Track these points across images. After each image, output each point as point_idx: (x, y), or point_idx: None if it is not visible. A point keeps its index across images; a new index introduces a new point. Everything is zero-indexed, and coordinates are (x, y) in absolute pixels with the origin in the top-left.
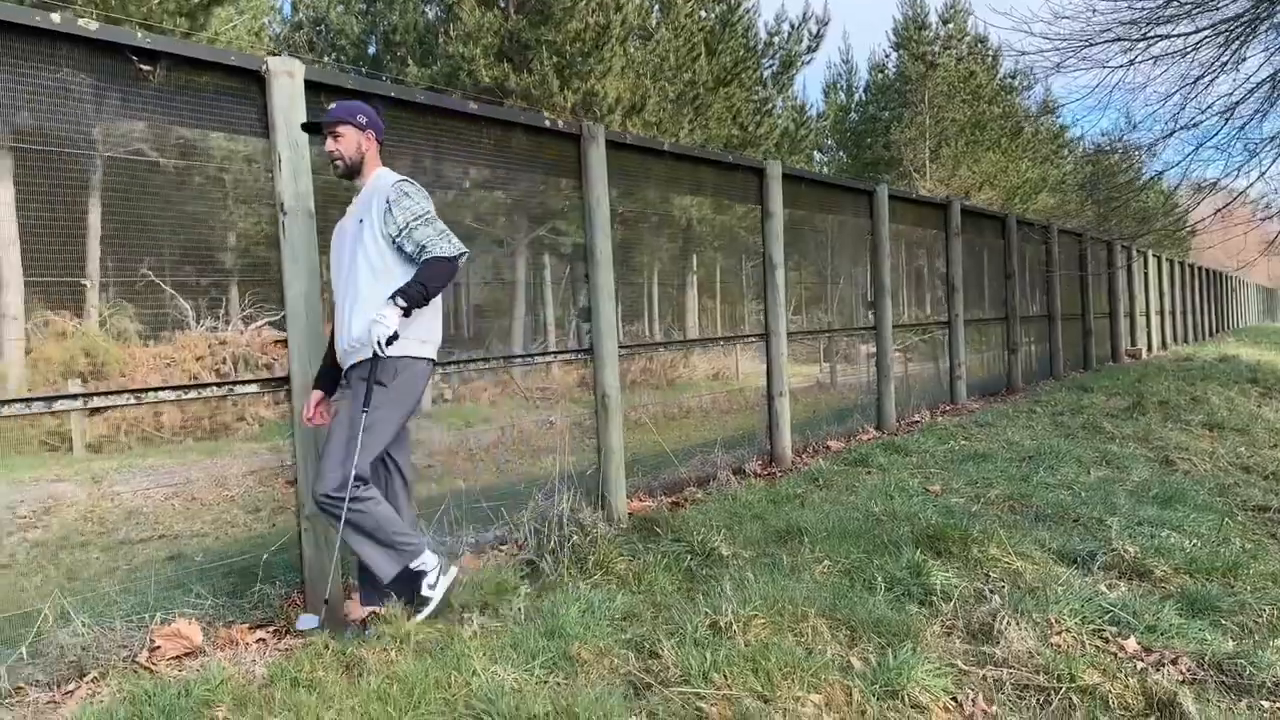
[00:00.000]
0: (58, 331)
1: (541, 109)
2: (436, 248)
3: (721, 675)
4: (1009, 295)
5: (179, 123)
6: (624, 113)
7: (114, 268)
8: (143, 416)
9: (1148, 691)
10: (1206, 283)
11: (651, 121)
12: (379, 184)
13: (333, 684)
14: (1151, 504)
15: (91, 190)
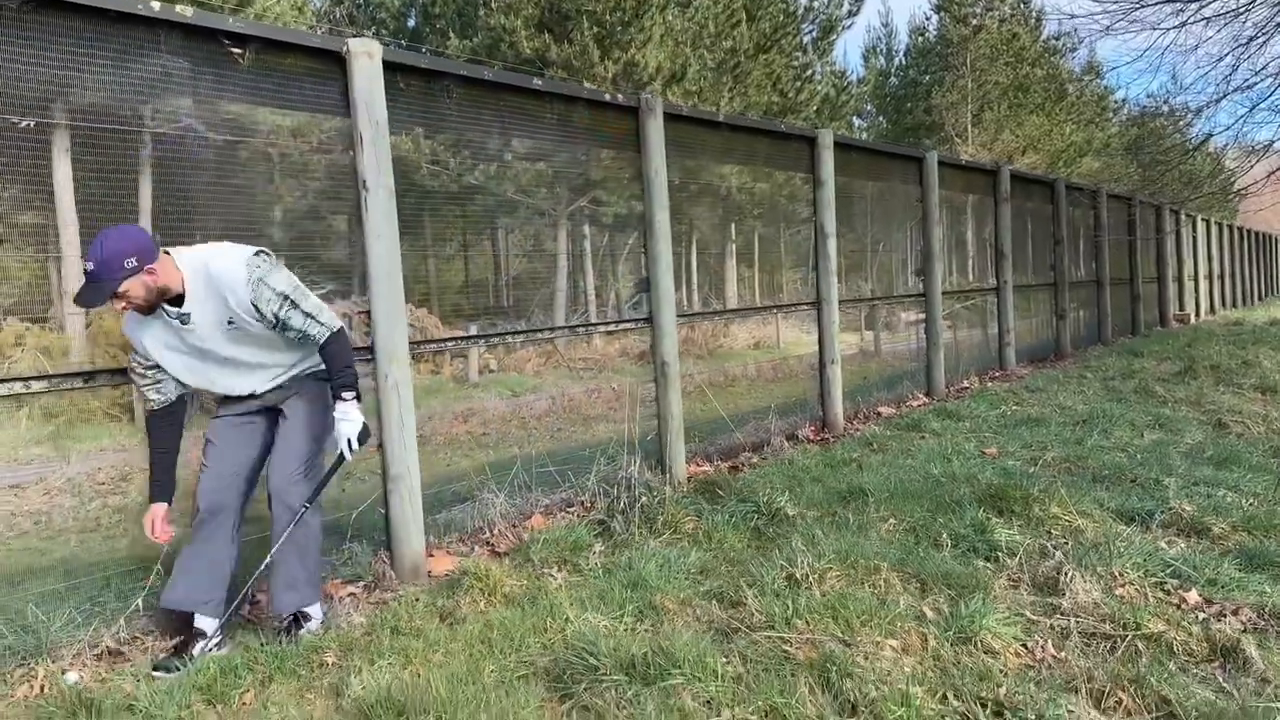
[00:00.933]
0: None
1: (582, 79)
2: (317, 331)
3: (803, 621)
4: (1057, 261)
5: (265, 104)
6: (664, 82)
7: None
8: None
9: (1211, 639)
10: (1256, 246)
11: (692, 90)
12: (218, 283)
13: (433, 631)
14: (1206, 465)
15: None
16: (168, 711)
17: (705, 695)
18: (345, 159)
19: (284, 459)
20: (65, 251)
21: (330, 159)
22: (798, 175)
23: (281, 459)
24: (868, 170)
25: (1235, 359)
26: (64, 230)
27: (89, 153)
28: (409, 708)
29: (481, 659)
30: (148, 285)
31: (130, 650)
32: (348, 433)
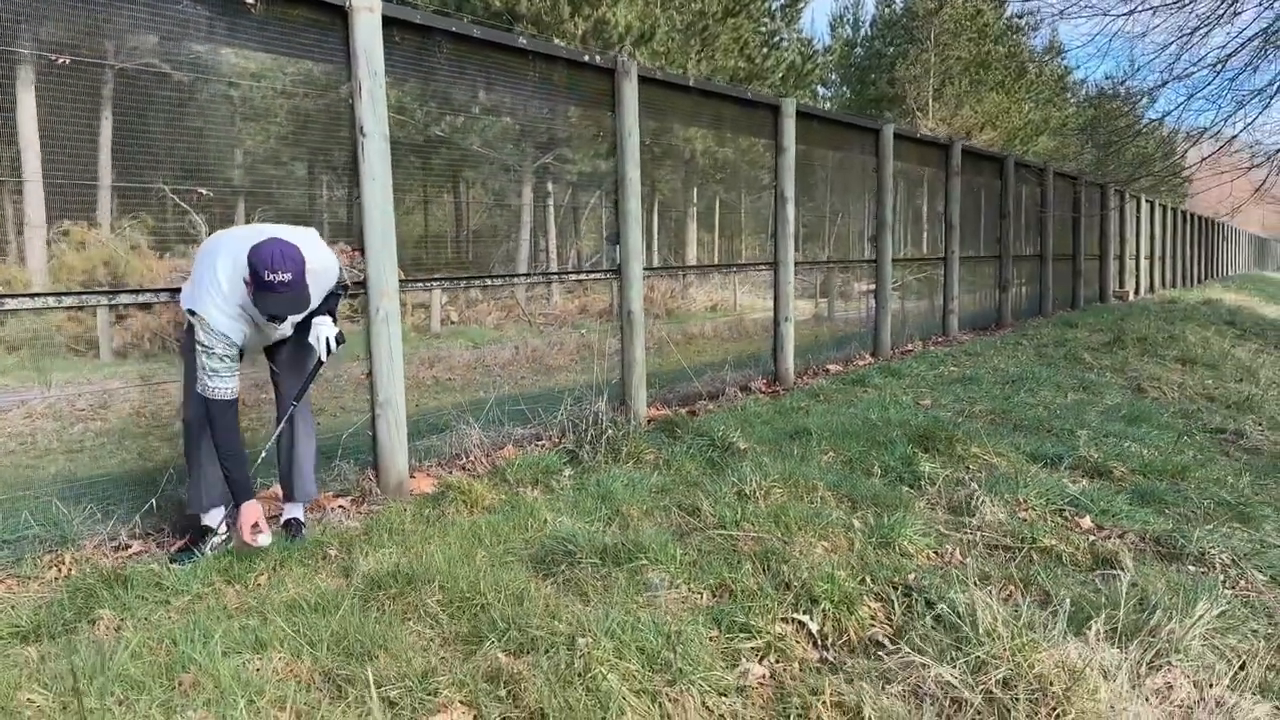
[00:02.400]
0: (77, 240)
1: (552, 35)
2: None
3: (750, 524)
4: (1003, 235)
5: (273, 51)
6: (634, 41)
7: (124, 178)
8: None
9: (1095, 552)
10: (1197, 229)
11: (660, 51)
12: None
13: (426, 529)
14: (1119, 422)
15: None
16: (192, 587)
17: (667, 574)
18: (312, 105)
19: (295, 376)
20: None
21: (293, 104)
22: (760, 142)
23: (293, 375)
24: (827, 140)
25: (1163, 333)
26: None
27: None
28: (416, 578)
29: (473, 547)
30: None
31: (146, 544)
32: (325, 334)
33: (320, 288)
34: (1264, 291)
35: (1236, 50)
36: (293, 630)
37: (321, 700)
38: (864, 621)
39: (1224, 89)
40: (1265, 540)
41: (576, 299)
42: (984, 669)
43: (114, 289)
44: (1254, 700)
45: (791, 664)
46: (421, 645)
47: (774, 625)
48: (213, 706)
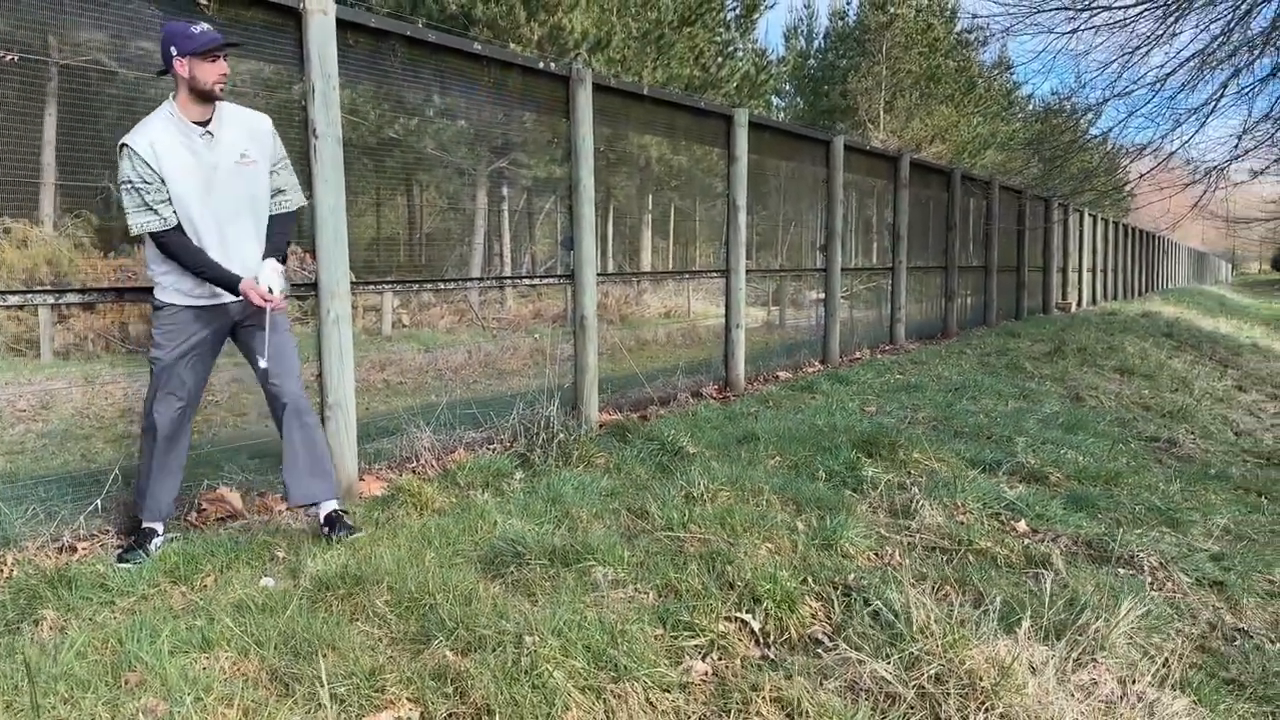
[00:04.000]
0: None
1: (507, 40)
2: (295, 197)
3: (696, 526)
4: (949, 246)
5: None
6: (589, 48)
7: (69, 176)
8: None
9: (1029, 554)
10: (1138, 243)
11: (616, 58)
12: (249, 117)
13: (373, 534)
14: (1057, 429)
15: None
16: (137, 588)
17: (614, 575)
18: (263, 104)
19: (289, 369)
20: None
21: (242, 104)
22: (714, 150)
23: (288, 369)
24: (779, 150)
25: (1102, 344)
26: None
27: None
28: (364, 579)
29: (422, 549)
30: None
31: (91, 546)
32: (270, 280)
33: (261, 147)
34: (1201, 305)
35: (1174, 70)
36: (240, 630)
37: (269, 698)
38: (804, 620)
39: (1162, 107)
40: (1192, 544)
41: (530, 303)
42: (917, 665)
43: (59, 288)
44: (1174, 696)
45: (734, 661)
46: (369, 645)
47: (717, 624)
48: (160, 705)
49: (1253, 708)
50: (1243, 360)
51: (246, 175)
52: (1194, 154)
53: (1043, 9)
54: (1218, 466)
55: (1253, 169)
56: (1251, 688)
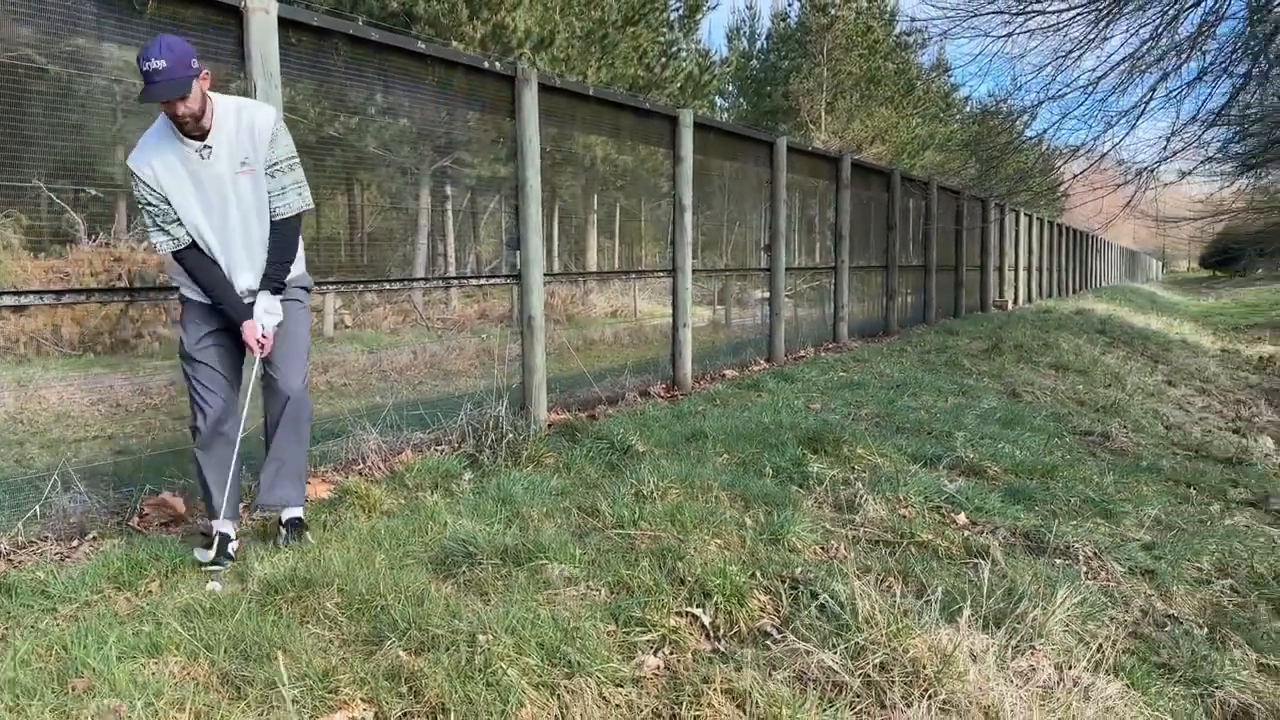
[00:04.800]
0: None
1: (450, 38)
2: (295, 199)
3: (647, 524)
4: (890, 246)
5: None
6: (533, 47)
7: None
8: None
9: (969, 546)
10: (1072, 242)
11: (560, 57)
12: (250, 113)
13: (321, 536)
14: (995, 424)
15: None
16: (80, 594)
17: (567, 573)
18: None
19: (292, 365)
20: None
21: None
22: (660, 150)
23: (290, 365)
24: (724, 150)
25: (1038, 341)
26: None
27: None
28: (313, 582)
29: (371, 551)
30: (203, 92)
31: (30, 553)
32: (264, 319)
33: (257, 149)
34: (1133, 302)
35: (1106, 73)
36: (188, 634)
37: (220, 701)
38: (754, 613)
39: (1095, 109)
40: (1125, 535)
41: (475, 304)
42: (863, 654)
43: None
44: (1108, 680)
45: (685, 655)
46: (320, 647)
47: (669, 619)
48: (111, 711)
49: (1182, 690)
50: (1173, 356)
51: (247, 184)
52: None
53: (979, 13)
54: (1149, 459)
55: (1181, 170)
56: (1181, 671)
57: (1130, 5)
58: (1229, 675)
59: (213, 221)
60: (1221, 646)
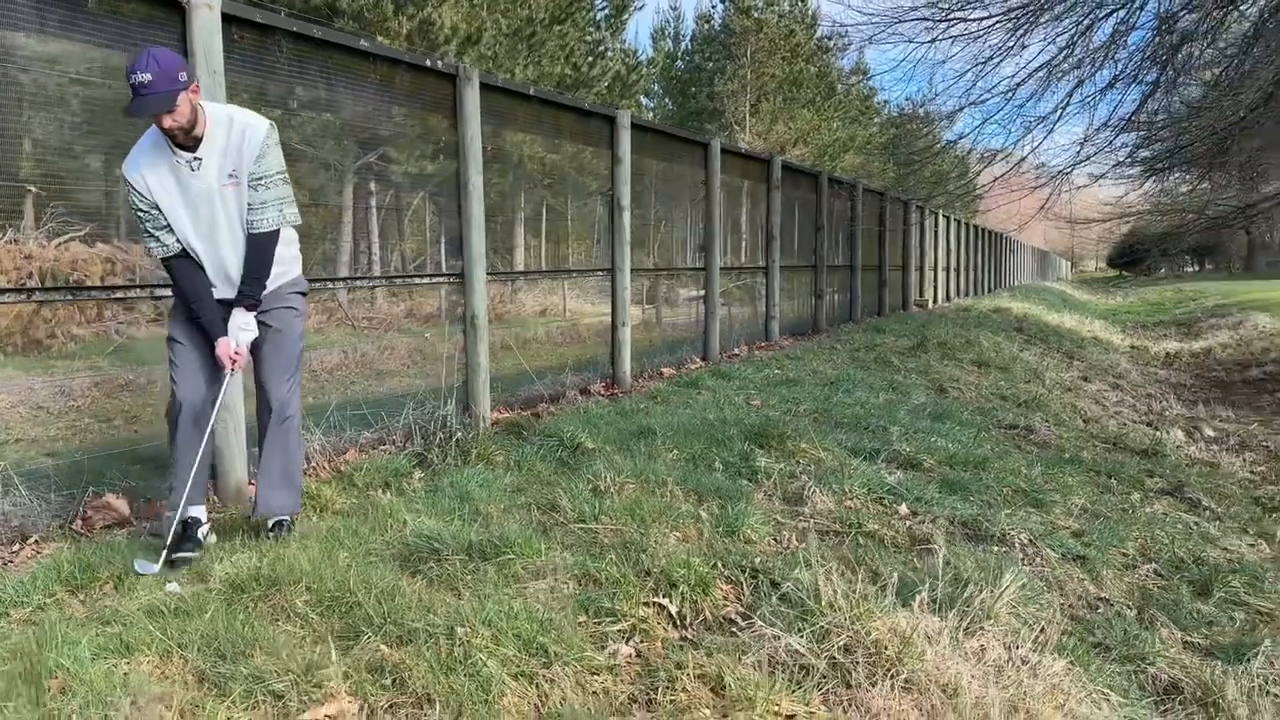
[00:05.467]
0: None
1: (375, 33)
2: (275, 214)
3: (608, 518)
4: (818, 246)
5: (111, 46)
6: (460, 43)
7: None
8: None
9: (912, 534)
10: (988, 243)
11: (487, 54)
12: (242, 125)
13: (282, 537)
14: (926, 419)
15: None
16: (32, 598)
17: (534, 567)
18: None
19: (276, 365)
20: None
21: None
22: (588, 149)
23: (274, 366)
24: (660, 151)
25: (960, 339)
26: None
27: None
28: (279, 580)
29: (333, 549)
30: (192, 104)
31: None
32: (238, 336)
33: (243, 162)
34: (1047, 301)
35: (1024, 80)
36: (160, 633)
37: (204, 698)
38: (718, 602)
39: (1014, 115)
40: (1055, 523)
41: (402, 302)
42: (828, 637)
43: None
44: (1053, 658)
45: (655, 643)
46: (295, 643)
47: (637, 609)
48: (94, 708)
49: (1118, 667)
50: (1086, 353)
51: (233, 195)
52: (1043, 159)
53: (904, 19)
54: (1071, 451)
55: (1093, 173)
56: (1116, 649)
57: (1046, 15)
58: (1159, 653)
59: (200, 231)
60: (1150, 626)
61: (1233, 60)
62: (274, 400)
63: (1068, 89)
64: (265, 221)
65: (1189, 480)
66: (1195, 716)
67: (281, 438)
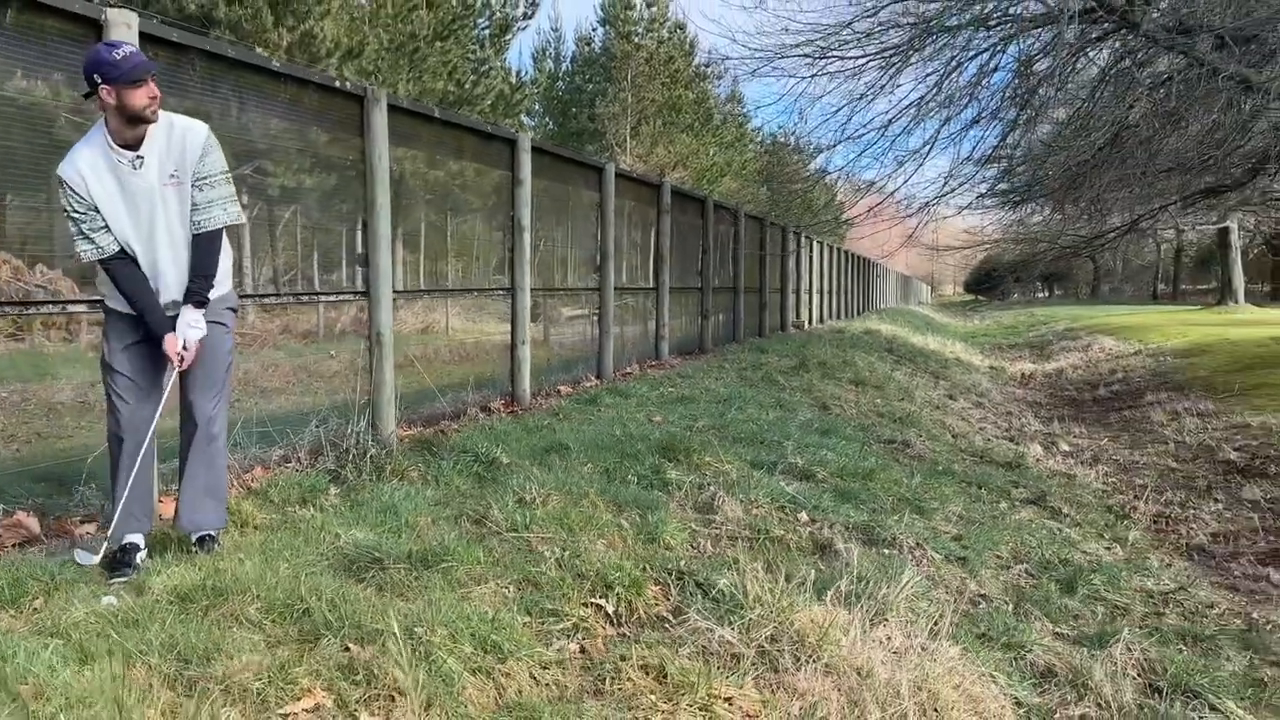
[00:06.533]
0: None
1: (254, 45)
2: (220, 213)
3: (538, 527)
4: (704, 268)
5: (23, 64)
6: (341, 57)
7: None
8: None
9: (814, 539)
10: (858, 268)
11: (368, 69)
12: (183, 128)
13: (203, 558)
14: (814, 434)
15: None
16: None
17: (475, 573)
18: None
19: (205, 381)
20: None
21: None
22: (471, 166)
23: (202, 381)
24: (557, 174)
25: (838, 359)
26: None
27: None
28: (225, 590)
29: (273, 560)
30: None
31: None
32: (186, 333)
33: (186, 163)
34: (912, 323)
35: (896, 117)
36: (115, 642)
37: (180, 700)
38: (650, 602)
39: (887, 149)
40: (937, 528)
41: (275, 319)
42: (755, 628)
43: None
44: (948, 645)
45: (596, 640)
46: (257, 648)
47: (577, 609)
48: (76, 710)
49: (1002, 654)
50: (950, 373)
51: (174, 195)
52: (913, 191)
53: (785, 55)
54: (944, 464)
55: (958, 205)
56: (997, 639)
57: (916, 55)
58: (1035, 641)
59: (140, 232)
60: (1026, 619)
61: (1083, 103)
62: (200, 416)
63: (936, 125)
64: (211, 220)
65: (1050, 490)
66: (1068, 695)
67: (208, 453)
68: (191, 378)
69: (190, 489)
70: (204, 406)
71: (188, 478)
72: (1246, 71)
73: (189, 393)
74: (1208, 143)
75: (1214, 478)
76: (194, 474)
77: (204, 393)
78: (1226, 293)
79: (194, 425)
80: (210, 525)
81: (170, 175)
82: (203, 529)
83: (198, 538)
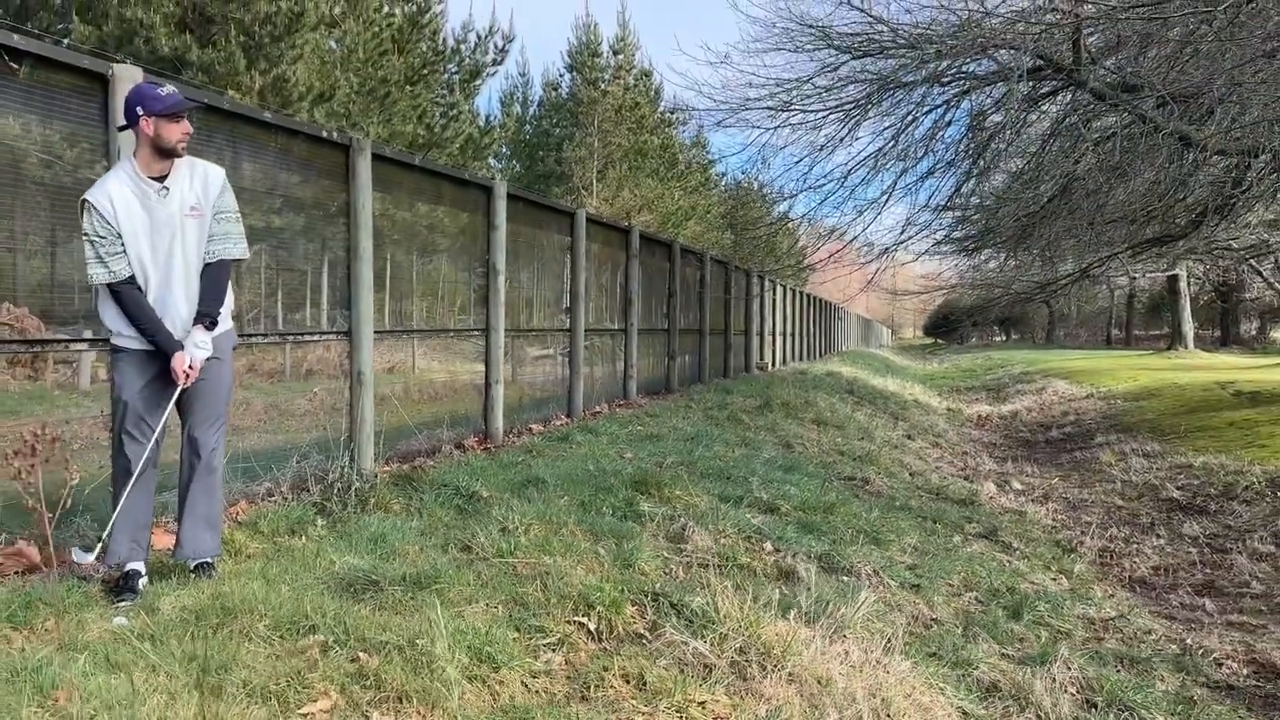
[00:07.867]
0: None
1: (226, 88)
2: (234, 245)
3: (522, 553)
4: (671, 310)
5: (35, 114)
6: (313, 100)
7: None
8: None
9: (779, 567)
10: (819, 311)
11: (339, 112)
12: (204, 169)
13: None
14: (778, 470)
15: None
16: None
17: (466, 594)
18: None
19: (208, 415)
20: None
21: None
22: (439, 208)
23: (205, 415)
24: (531, 219)
25: (800, 399)
26: None
27: None
28: (234, 609)
29: (275, 583)
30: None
31: None
32: (194, 352)
33: (207, 198)
34: (872, 366)
35: (855, 167)
36: (140, 654)
37: (208, 700)
38: (628, 620)
39: (847, 198)
40: (893, 558)
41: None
42: (725, 641)
43: None
44: (900, 660)
45: (579, 653)
46: (272, 659)
47: (561, 626)
48: (115, 711)
49: (950, 670)
50: (909, 414)
51: (194, 226)
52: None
53: (749, 107)
54: (901, 500)
55: (916, 250)
56: (947, 656)
57: (874, 109)
58: (982, 659)
59: (157, 258)
60: (974, 640)
61: (1034, 156)
62: (203, 448)
63: (894, 176)
64: (225, 250)
65: (1001, 526)
66: (1011, 707)
67: (208, 483)
68: (195, 412)
69: (191, 518)
70: (207, 439)
71: (189, 507)
72: (1186, 128)
73: (193, 427)
74: (1152, 195)
75: (1157, 515)
76: (195, 503)
77: (207, 427)
78: (1176, 338)
79: (197, 457)
80: (209, 553)
81: (191, 207)
82: (202, 556)
83: (196, 565)
